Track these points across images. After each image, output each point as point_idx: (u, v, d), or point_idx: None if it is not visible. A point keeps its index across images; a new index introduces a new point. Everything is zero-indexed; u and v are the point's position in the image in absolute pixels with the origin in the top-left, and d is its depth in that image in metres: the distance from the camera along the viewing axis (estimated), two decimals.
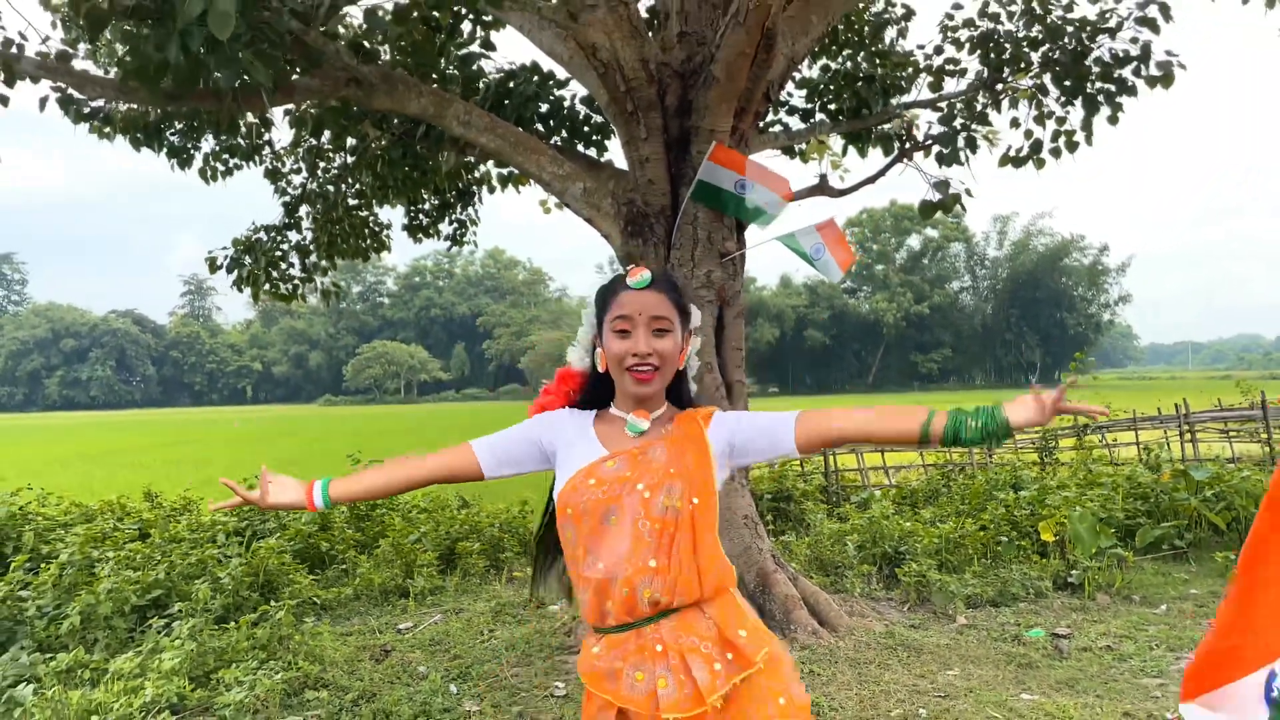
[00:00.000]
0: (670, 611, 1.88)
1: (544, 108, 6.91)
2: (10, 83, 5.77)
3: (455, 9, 5.17)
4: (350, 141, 8.26)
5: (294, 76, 5.04)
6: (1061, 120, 7.83)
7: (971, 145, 6.88)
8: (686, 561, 1.87)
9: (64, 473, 19.64)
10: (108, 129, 7.07)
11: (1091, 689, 4.42)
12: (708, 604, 1.91)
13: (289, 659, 5.19)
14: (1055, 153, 7.92)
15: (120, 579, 6.17)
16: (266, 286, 8.97)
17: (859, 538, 7.14)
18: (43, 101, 6.69)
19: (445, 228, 9.45)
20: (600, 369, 2.07)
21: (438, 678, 4.87)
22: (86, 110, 6.75)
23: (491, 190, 8.91)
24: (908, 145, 7.01)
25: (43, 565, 6.78)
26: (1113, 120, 7.58)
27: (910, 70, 7.82)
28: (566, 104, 7.07)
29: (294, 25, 4.40)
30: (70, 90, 6.14)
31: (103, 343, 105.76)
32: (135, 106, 6.36)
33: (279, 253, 9.10)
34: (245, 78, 4.16)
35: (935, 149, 6.90)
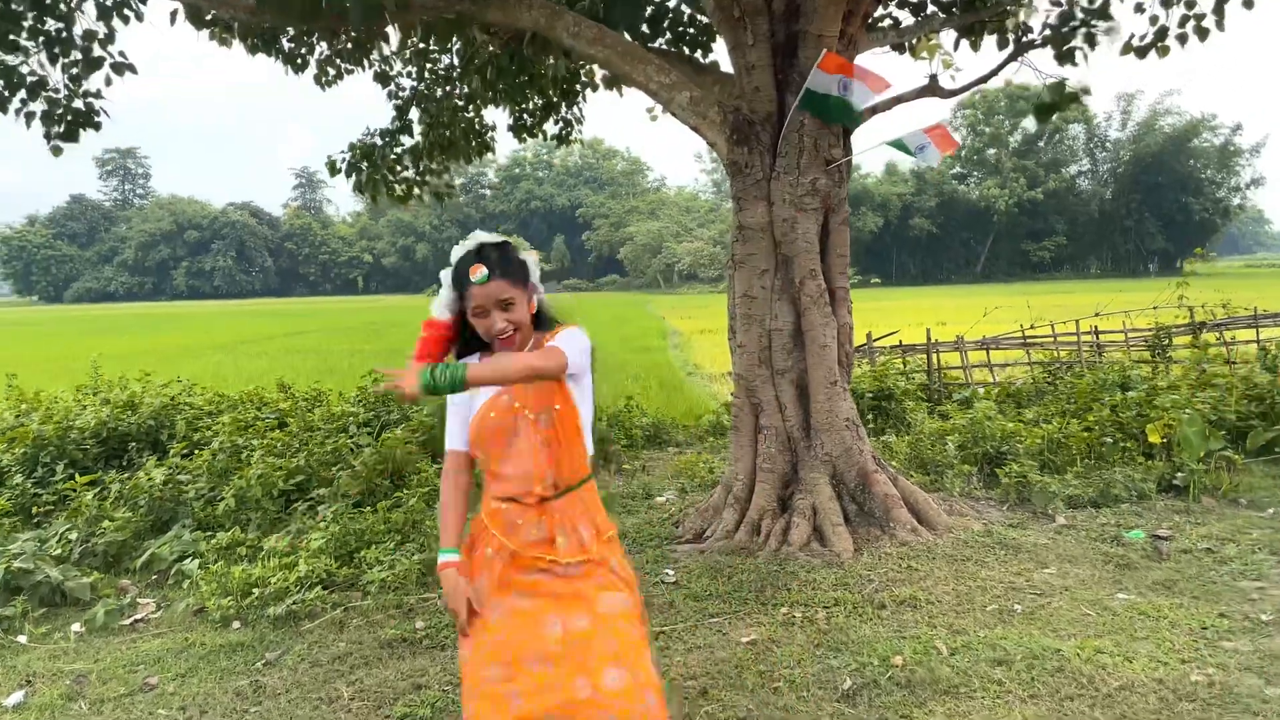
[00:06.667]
0: (565, 491, 2.46)
1: (648, 10, 6.90)
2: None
3: None
4: (456, 44, 8.38)
5: None
6: (1191, 4, 7.40)
7: (1090, 41, 6.58)
8: (566, 458, 2.46)
9: (196, 362, 20.94)
10: (225, 35, 7.42)
11: (1189, 590, 4.53)
12: (585, 491, 2.52)
13: (422, 540, 5.69)
14: (1182, 39, 7.50)
15: (266, 465, 6.77)
16: (384, 190, 9.30)
17: (959, 437, 7.24)
18: (173, 15, 7.08)
19: (550, 127, 9.58)
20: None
21: None
22: (209, 18, 7.11)
23: (595, 90, 8.99)
24: (1022, 41, 6.75)
25: (195, 451, 7.47)
26: (1248, 4, 7.13)
27: None
28: (671, 5, 7.04)
29: None
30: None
31: (223, 234, 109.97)
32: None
33: (393, 156, 9.39)
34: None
35: (1050, 48, 6.63)
